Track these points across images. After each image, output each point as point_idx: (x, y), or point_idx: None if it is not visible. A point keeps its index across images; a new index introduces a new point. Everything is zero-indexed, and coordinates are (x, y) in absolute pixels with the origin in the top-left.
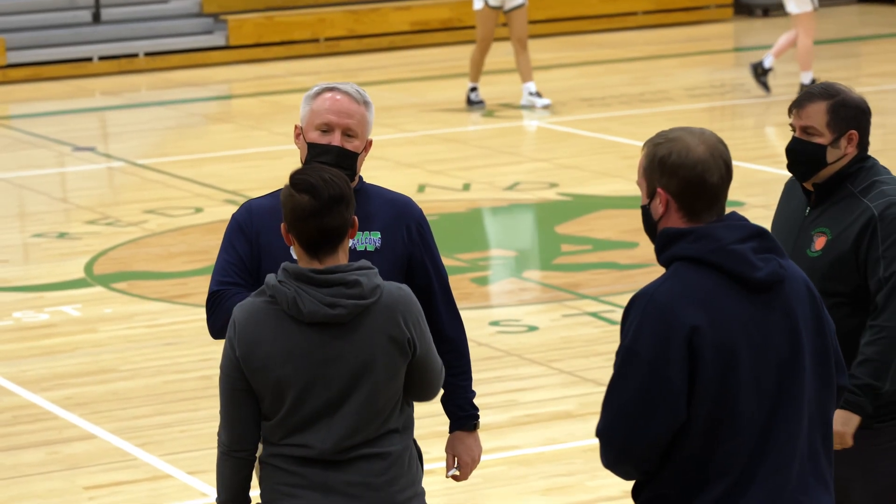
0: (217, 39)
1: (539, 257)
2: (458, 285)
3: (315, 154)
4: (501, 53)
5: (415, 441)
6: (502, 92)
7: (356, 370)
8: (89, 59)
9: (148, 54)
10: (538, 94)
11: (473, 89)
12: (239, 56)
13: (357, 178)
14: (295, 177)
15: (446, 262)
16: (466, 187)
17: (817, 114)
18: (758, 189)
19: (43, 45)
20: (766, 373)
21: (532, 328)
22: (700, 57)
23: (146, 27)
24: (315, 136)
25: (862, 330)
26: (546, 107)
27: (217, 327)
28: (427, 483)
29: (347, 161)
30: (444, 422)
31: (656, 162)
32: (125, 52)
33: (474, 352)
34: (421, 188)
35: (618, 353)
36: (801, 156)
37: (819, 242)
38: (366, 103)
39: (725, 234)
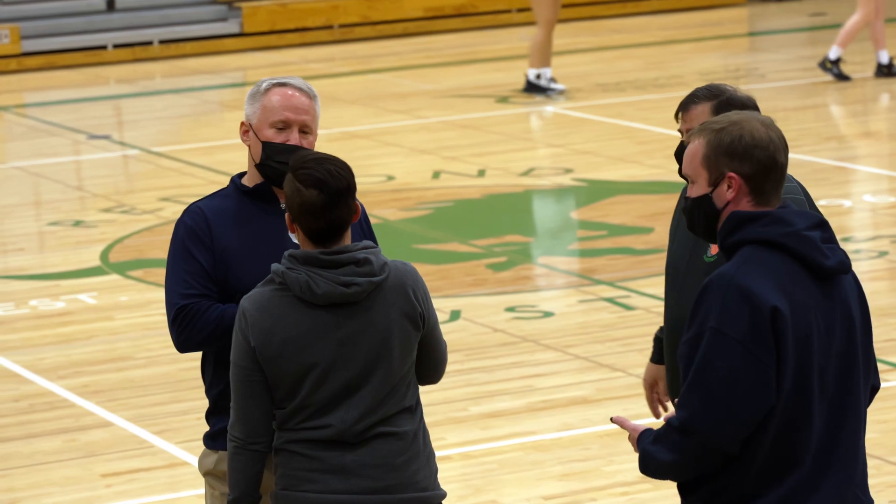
0: (231, 27)
1: (554, 243)
2: (474, 271)
3: (275, 153)
4: (516, 39)
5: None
6: (517, 78)
7: (375, 349)
8: (104, 47)
9: (162, 42)
10: (553, 80)
11: (539, 76)
12: (253, 43)
13: None
14: (301, 172)
15: (462, 248)
16: (481, 173)
17: (702, 115)
18: None
19: (57, 33)
20: (829, 363)
21: (548, 314)
22: (714, 42)
23: (160, 15)
24: (270, 134)
25: None
26: (560, 92)
27: (196, 341)
28: (442, 469)
29: None
30: (459, 408)
31: (724, 147)
32: (139, 39)
33: (491, 338)
34: (436, 174)
35: (697, 337)
36: None
37: (714, 248)
38: (315, 97)
39: (797, 219)
